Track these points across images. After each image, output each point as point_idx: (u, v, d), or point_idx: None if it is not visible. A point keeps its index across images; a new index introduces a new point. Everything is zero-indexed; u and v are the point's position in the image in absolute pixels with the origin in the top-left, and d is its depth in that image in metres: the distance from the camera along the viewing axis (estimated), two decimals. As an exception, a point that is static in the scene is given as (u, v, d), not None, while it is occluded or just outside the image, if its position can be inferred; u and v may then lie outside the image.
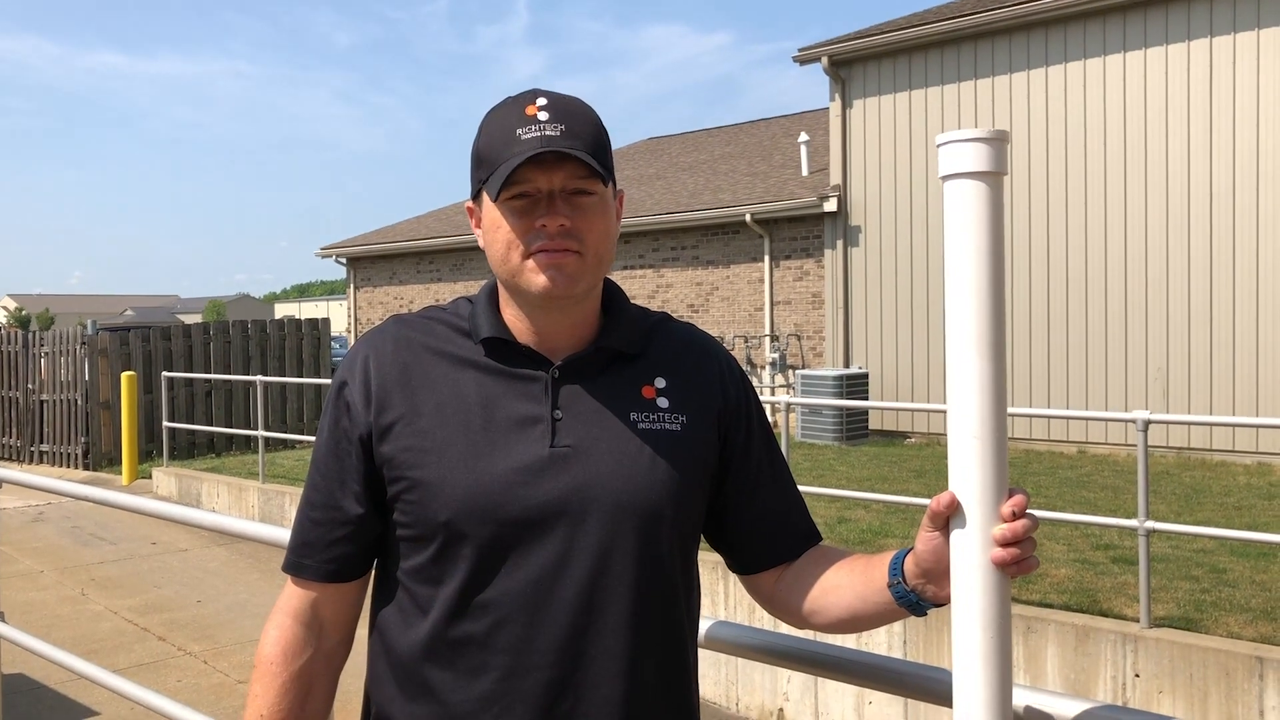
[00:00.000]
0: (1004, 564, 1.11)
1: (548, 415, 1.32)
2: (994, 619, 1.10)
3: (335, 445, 1.38)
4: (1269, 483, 9.25)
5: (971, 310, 1.08)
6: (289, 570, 1.41)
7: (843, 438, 12.15)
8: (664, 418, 1.36)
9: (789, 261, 14.97)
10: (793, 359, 14.84)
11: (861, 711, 5.76)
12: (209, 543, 9.84)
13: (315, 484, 1.41)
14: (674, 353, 1.42)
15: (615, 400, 1.35)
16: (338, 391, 1.40)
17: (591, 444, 1.32)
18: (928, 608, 1.26)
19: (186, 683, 6.16)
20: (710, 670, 6.41)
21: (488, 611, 1.29)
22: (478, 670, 1.29)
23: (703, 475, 1.38)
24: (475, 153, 1.35)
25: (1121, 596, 5.71)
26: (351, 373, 1.39)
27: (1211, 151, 10.74)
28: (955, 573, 1.12)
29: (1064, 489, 8.91)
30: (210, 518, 2.96)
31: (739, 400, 1.44)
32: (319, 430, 1.42)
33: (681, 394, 1.38)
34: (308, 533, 1.40)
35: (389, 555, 1.39)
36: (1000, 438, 1.09)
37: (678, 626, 1.37)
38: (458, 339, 1.39)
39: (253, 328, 15.36)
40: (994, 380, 1.09)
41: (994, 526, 1.11)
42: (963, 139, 1.07)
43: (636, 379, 1.38)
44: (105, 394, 14.23)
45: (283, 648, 1.38)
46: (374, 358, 1.39)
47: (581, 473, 1.30)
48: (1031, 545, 1.12)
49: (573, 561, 1.29)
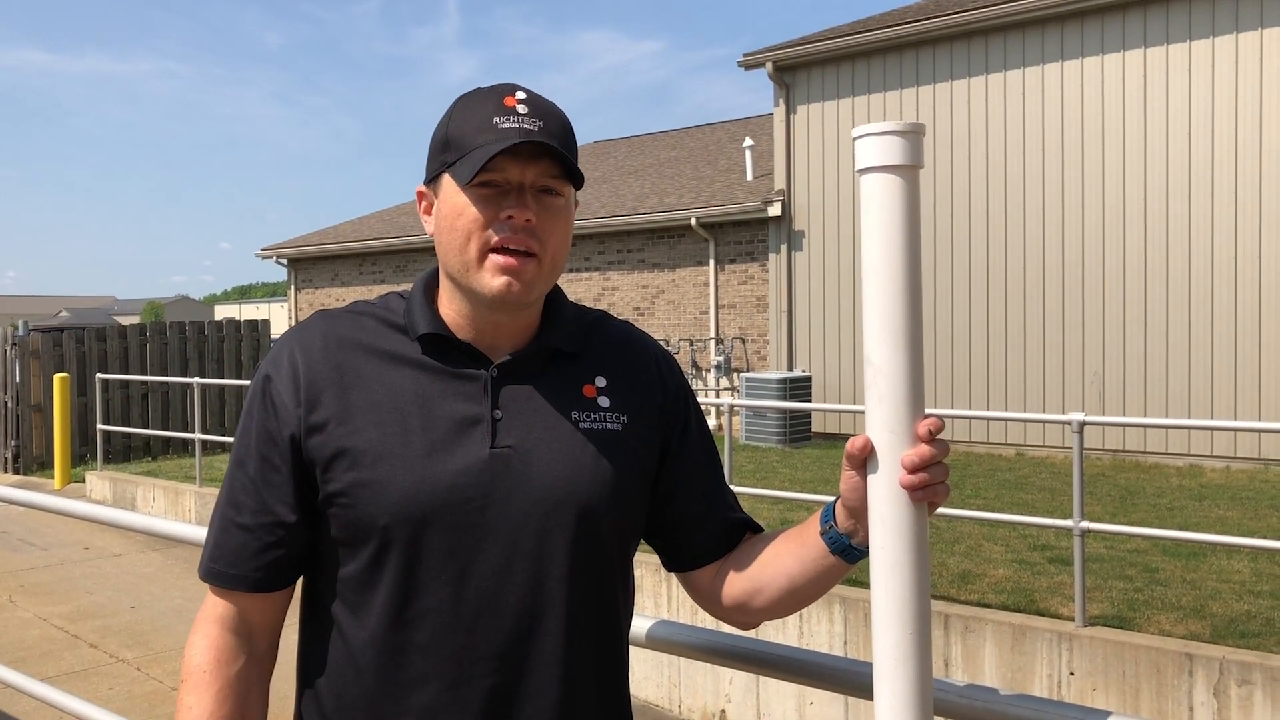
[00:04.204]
0: (912, 489, 1.10)
1: (488, 415, 1.29)
2: (909, 550, 1.10)
3: (262, 446, 1.31)
4: (1200, 484, 9.47)
5: (887, 301, 1.09)
6: (213, 580, 1.34)
7: (786, 440, 12.23)
8: (605, 417, 1.34)
9: (734, 265, 15.04)
10: (737, 362, 14.91)
11: (803, 712, 5.79)
12: (143, 548, 9.65)
13: (241, 487, 1.33)
14: (613, 351, 1.40)
15: (556, 399, 1.32)
16: (262, 389, 1.33)
17: (533, 445, 1.29)
18: (860, 553, 1.26)
19: (119, 690, 6.03)
20: (652, 673, 6.40)
21: (427, 619, 1.26)
22: (419, 681, 1.26)
23: (643, 475, 1.36)
24: (443, 136, 1.30)
25: (1057, 596, 5.80)
26: (277, 369, 1.33)
27: (1145, 158, 10.98)
28: (872, 507, 1.13)
29: (1002, 491, 9.04)
30: (143, 520, 2.90)
31: (677, 397, 1.42)
32: (241, 430, 1.35)
33: (622, 393, 1.36)
34: (234, 540, 1.32)
35: (319, 561, 1.34)
36: (914, 375, 1.10)
37: (615, 628, 1.37)
38: (391, 335, 1.34)
39: (190, 329, 15.10)
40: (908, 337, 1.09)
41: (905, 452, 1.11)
42: (878, 132, 1.07)
43: (577, 378, 1.35)
44: (37, 396, 13.90)
45: (214, 655, 1.31)
46: (301, 354, 1.32)
47: (523, 475, 1.27)
48: (943, 472, 1.12)
49: (514, 566, 1.26)
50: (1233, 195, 10.50)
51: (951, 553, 6.72)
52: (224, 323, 15.55)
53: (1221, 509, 8.15)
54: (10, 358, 13.97)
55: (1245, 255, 10.43)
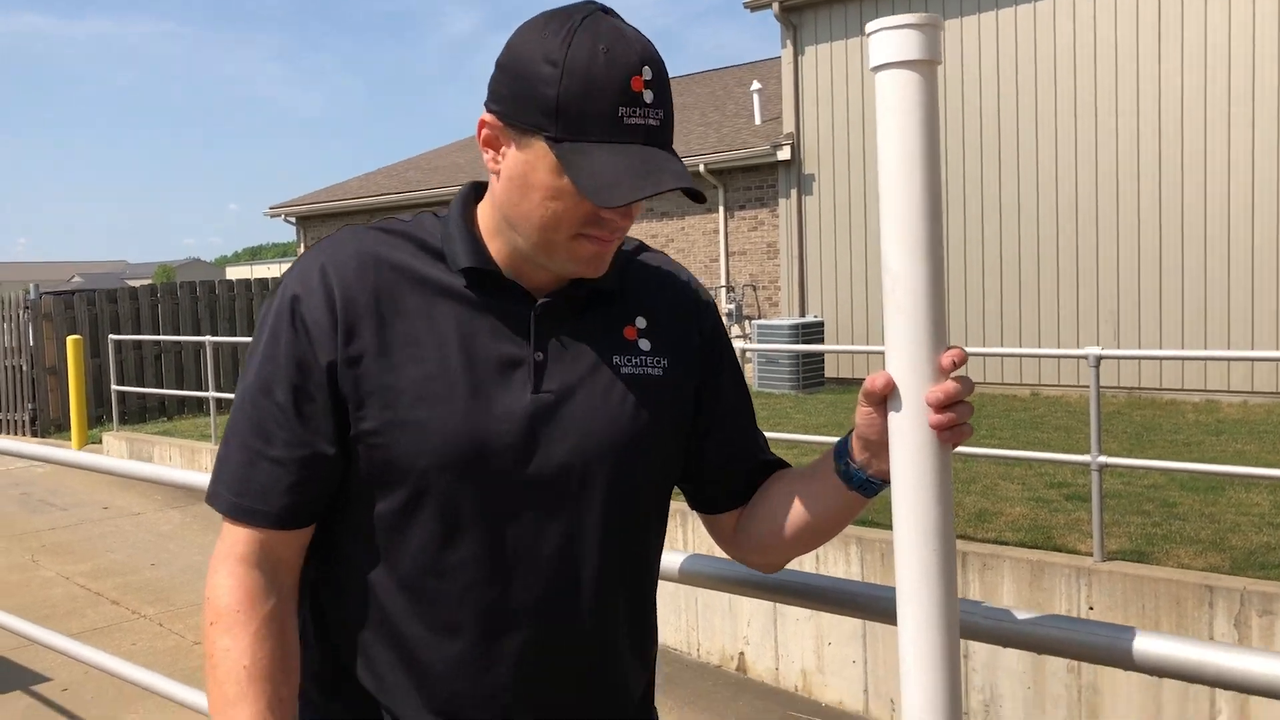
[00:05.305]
0: (940, 428, 1.06)
1: (529, 358, 1.22)
2: (933, 484, 1.06)
3: (295, 374, 1.20)
4: (1217, 419, 9.41)
5: (905, 204, 1.04)
6: (240, 517, 1.22)
7: (799, 386, 12.20)
8: (646, 361, 1.28)
9: (743, 212, 14.93)
10: (749, 310, 14.84)
11: (821, 653, 5.81)
12: (163, 506, 9.72)
13: (271, 417, 1.20)
14: (652, 288, 1.33)
15: (597, 343, 1.26)
16: (290, 309, 1.21)
17: (574, 390, 1.23)
18: (880, 485, 1.22)
19: (142, 645, 6.09)
20: (671, 616, 6.43)
21: (460, 570, 1.20)
22: (453, 630, 1.22)
23: (681, 421, 1.31)
24: (550, 96, 1.12)
25: (1075, 532, 5.78)
26: (307, 288, 1.21)
27: (1160, 86, 10.79)
28: (893, 443, 1.09)
29: (1018, 430, 9.00)
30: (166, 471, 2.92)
31: (714, 337, 1.37)
32: (265, 354, 1.22)
33: (662, 335, 1.31)
34: (263, 474, 1.21)
35: (348, 499, 1.25)
36: (934, 283, 1.05)
37: (648, 575, 1.34)
38: (430, 261, 1.24)
39: (201, 289, 15.11)
40: (928, 243, 1.04)
41: (928, 388, 1.07)
42: (893, 25, 1.02)
43: (618, 319, 1.29)
44: (51, 359, 13.95)
45: (245, 594, 1.20)
46: (335, 274, 1.21)
47: (564, 424, 1.22)
48: (967, 411, 1.08)
49: (552, 518, 1.22)
50: (1250, 123, 10.32)
51: (968, 492, 6.70)
52: (234, 282, 15.55)
53: (1240, 443, 8.10)
54: (23, 321, 14.00)
55: (1263, 184, 10.28)
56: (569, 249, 1.18)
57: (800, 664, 5.92)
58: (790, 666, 5.97)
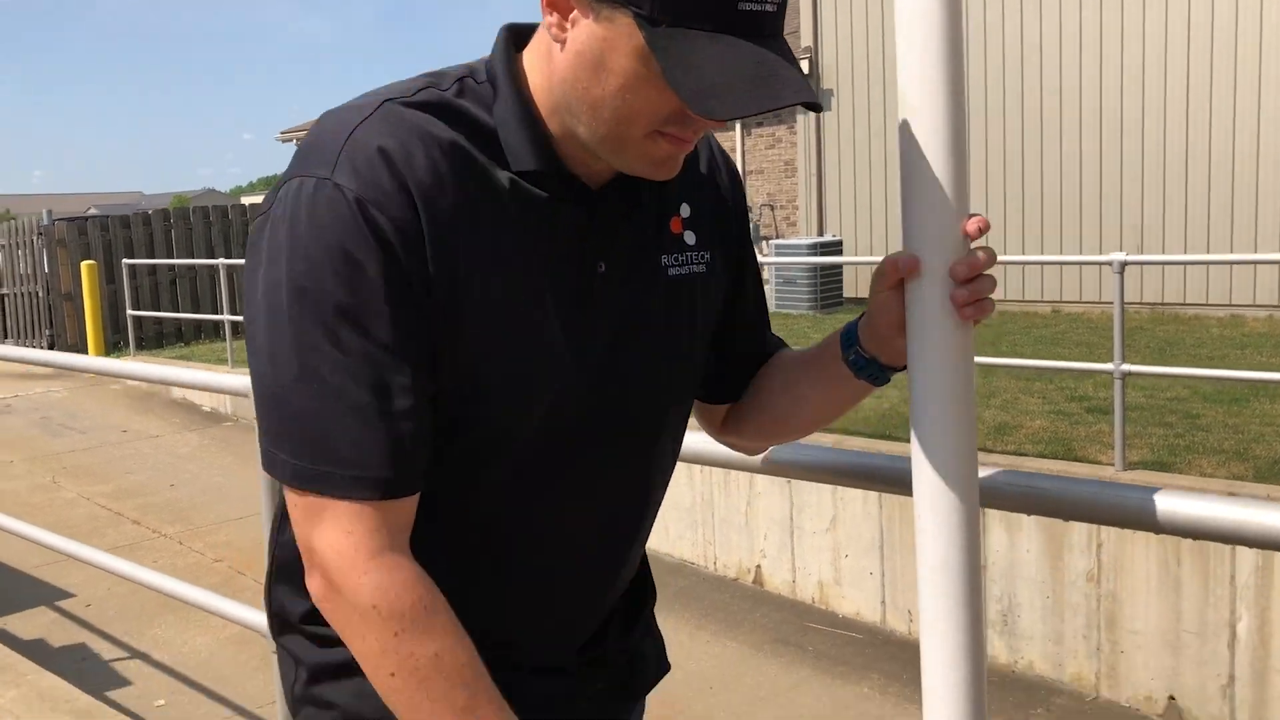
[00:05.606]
0: (963, 304, 0.97)
1: (590, 271, 1.07)
2: (956, 363, 1.00)
3: (394, 298, 0.96)
4: (1242, 334, 9.27)
5: (925, 36, 0.96)
6: (382, 491, 0.97)
7: (817, 306, 12.10)
8: (692, 258, 1.14)
9: (761, 130, 14.68)
10: (766, 229, 14.68)
11: (838, 564, 5.80)
12: (180, 429, 9.77)
13: (381, 363, 0.96)
14: (690, 166, 1.16)
15: (648, 242, 1.11)
16: (362, 215, 0.95)
17: (632, 310, 1.10)
18: (892, 372, 1.14)
19: (163, 563, 6.14)
20: (688, 531, 6.44)
21: (537, 499, 1.10)
22: (503, 587, 1.13)
23: (715, 320, 1.22)
24: None
25: (1096, 444, 5.72)
26: (376, 188, 0.96)
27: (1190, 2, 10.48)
28: (911, 321, 1.02)
29: (1039, 346, 8.91)
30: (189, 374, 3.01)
31: (740, 213, 1.24)
32: (344, 280, 0.95)
33: (703, 223, 1.17)
34: (400, 437, 0.97)
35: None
36: (956, 123, 0.97)
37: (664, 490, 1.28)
38: (486, 145, 1.02)
39: (214, 213, 15.04)
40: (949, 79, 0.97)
41: (952, 261, 0.99)
42: None
43: (664, 210, 1.13)
44: (66, 285, 13.95)
45: (420, 589, 0.97)
46: (406, 168, 0.97)
47: (629, 367, 1.10)
48: (990, 284, 0.99)
49: (615, 467, 1.14)
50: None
51: (987, 406, 6.63)
52: (247, 206, 15.47)
53: (1265, 356, 7.98)
54: (38, 247, 13.99)
55: (1294, 96, 10.00)
56: (641, 148, 0.98)
57: (817, 576, 5.91)
58: (807, 579, 5.97)
